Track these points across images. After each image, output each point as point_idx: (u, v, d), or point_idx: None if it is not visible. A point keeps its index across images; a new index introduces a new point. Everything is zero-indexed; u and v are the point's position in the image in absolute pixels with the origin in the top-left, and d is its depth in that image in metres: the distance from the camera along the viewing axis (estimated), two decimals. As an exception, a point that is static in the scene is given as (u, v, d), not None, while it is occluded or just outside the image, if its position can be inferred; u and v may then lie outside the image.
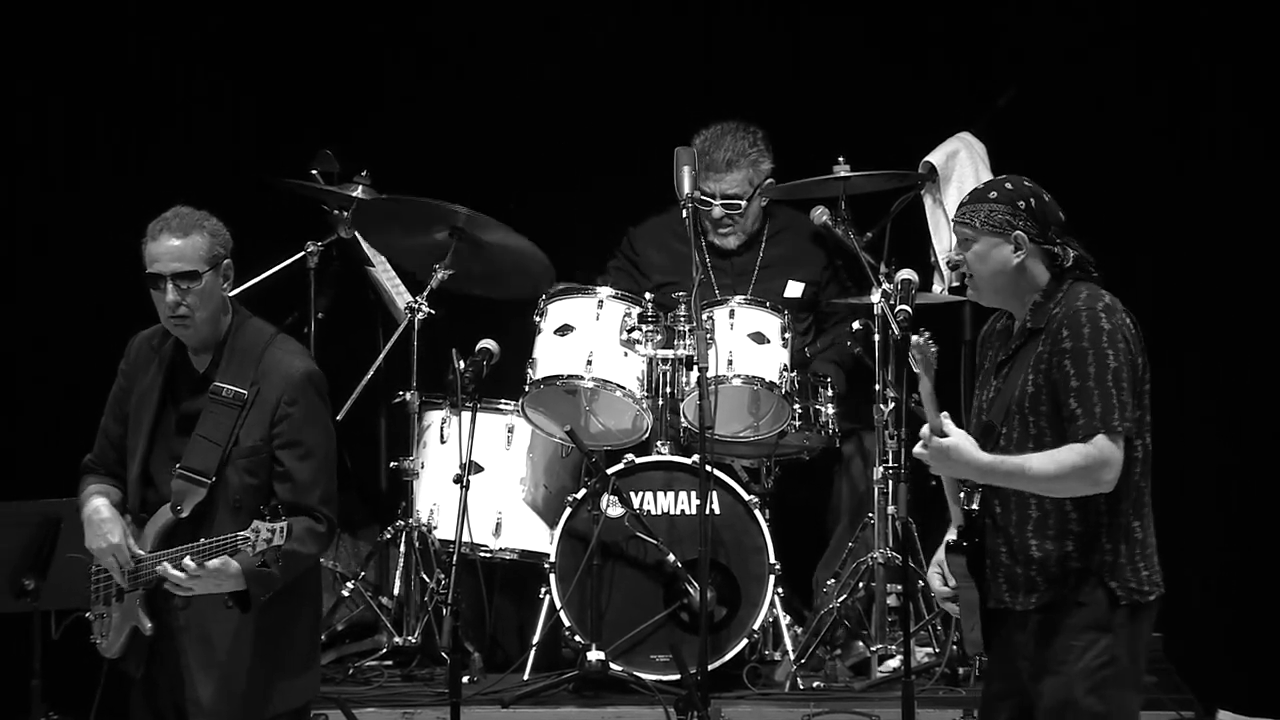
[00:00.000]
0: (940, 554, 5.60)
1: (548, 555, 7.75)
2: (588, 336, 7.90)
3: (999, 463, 5.37)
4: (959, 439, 5.37)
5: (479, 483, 7.83)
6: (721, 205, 8.33)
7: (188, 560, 5.80)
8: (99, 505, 6.03)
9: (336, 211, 8.17)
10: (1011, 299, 5.55)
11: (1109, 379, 5.38)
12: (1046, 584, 5.44)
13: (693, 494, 7.69)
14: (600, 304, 7.94)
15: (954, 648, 7.66)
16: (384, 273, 8.45)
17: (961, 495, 5.50)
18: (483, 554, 7.96)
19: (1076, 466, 5.35)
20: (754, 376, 7.85)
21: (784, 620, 7.77)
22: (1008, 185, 5.55)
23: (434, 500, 8.01)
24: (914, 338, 5.47)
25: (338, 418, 7.46)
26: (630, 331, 7.91)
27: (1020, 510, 5.47)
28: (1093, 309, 5.44)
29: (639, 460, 7.79)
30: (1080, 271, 5.55)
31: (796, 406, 7.89)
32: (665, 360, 7.91)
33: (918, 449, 5.41)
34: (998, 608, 5.51)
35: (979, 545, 5.48)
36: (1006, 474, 5.37)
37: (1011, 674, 5.53)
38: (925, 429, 5.38)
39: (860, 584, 7.79)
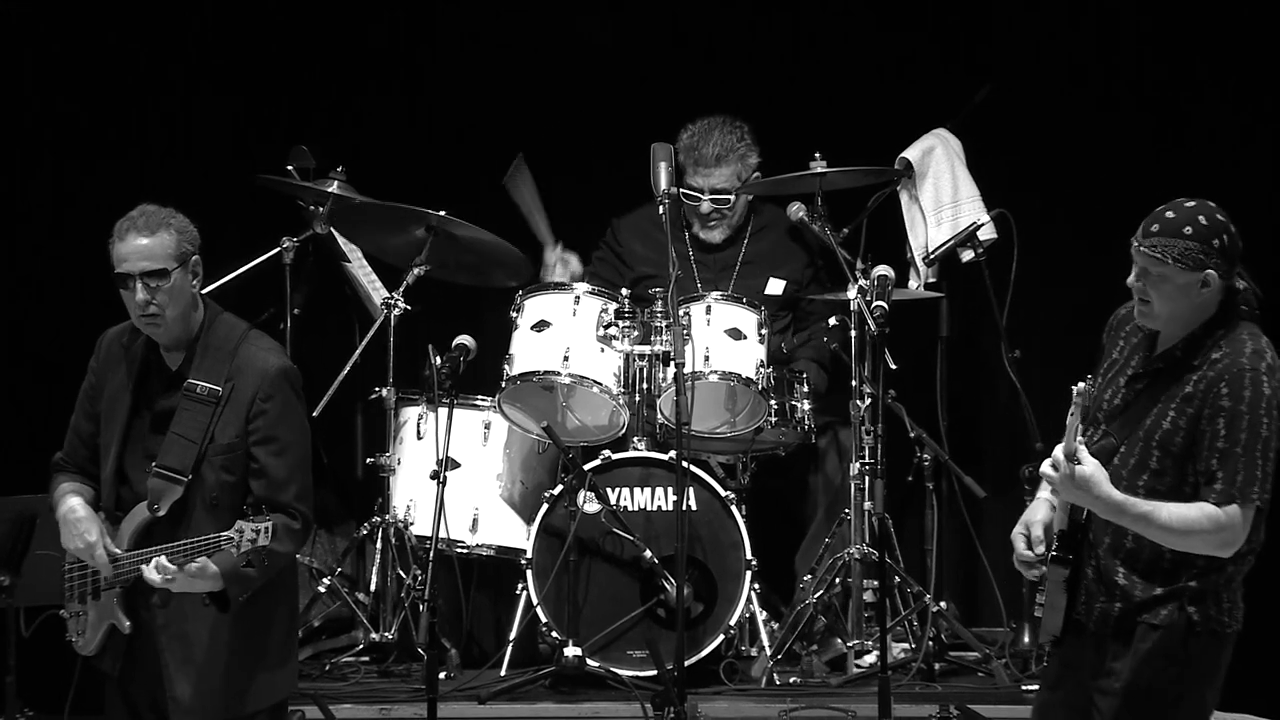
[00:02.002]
0: (1031, 515, 5.50)
1: (524, 551, 7.75)
2: (564, 332, 7.90)
3: (1128, 504, 5.27)
4: (1094, 470, 5.24)
5: (456, 479, 7.82)
6: (710, 200, 8.34)
7: (164, 560, 5.79)
8: (74, 505, 6.00)
9: (312, 207, 8.17)
10: (1182, 328, 5.40)
11: (1258, 449, 5.27)
12: (1123, 612, 5.38)
13: (669, 490, 7.69)
14: (577, 300, 7.94)
15: (930, 643, 7.68)
16: (360, 268, 8.44)
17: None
18: (459, 550, 7.96)
19: (1204, 531, 5.26)
20: (730, 373, 7.85)
21: (760, 616, 7.77)
22: (1202, 220, 5.34)
23: (410, 496, 8.00)
24: (1082, 385, 5.25)
25: (314, 414, 7.50)
26: (607, 327, 7.91)
27: (1115, 538, 5.39)
28: (1256, 370, 5.30)
29: (616, 456, 7.78)
30: (1245, 307, 5.40)
31: (773, 402, 7.89)
32: (642, 356, 7.91)
33: (1046, 468, 5.29)
34: (1074, 618, 5.45)
35: (1079, 560, 5.41)
36: (1134, 517, 5.27)
37: (1078, 686, 5.48)
38: (1059, 451, 5.26)
39: (837, 580, 7.80)
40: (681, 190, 8.23)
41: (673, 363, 7.57)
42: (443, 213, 8.05)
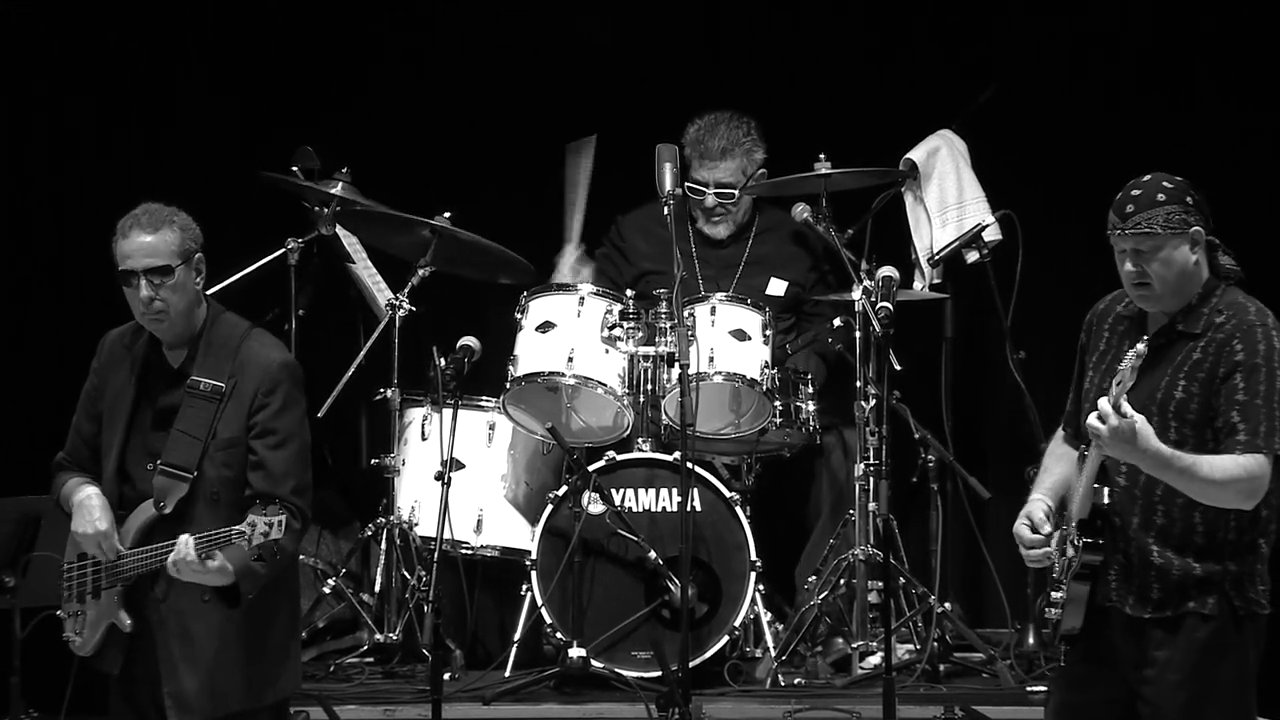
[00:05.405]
0: (1028, 509, 5.50)
1: (529, 552, 7.74)
2: (569, 333, 7.89)
3: (1175, 457, 5.27)
4: (1142, 422, 5.22)
5: (460, 480, 7.83)
6: (715, 195, 8.34)
7: (190, 548, 5.78)
8: (92, 493, 6.01)
9: (317, 208, 8.16)
10: (1179, 300, 5.43)
11: (1276, 400, 5.32)
12: (1163, 593, 5.39)
13: (674, 491, 7.69)
14: (581, 301, 7.94)
15: (934, 645, 7.67)
16: (365, 269, 8.44)
17: (1094, 488, 5.39)
18: (464, 551, 7.96)
19: (1238, 480, 5.29)
20: (735, 374, 7.84)
21: (765, 617, 7.77)
22: (1167, 185, 5.42)
23: (415, 497, 8.00)
24: (1140, 346, 5.20)
25: (319, 415, 7.50)
26: (611, 328, 7.90)
27: (1145, 515, 5.41)
28: (1265, 324, 5.38)
29: (620, 457, 7.77)
30: (1231, 266, 5.46)
31: (777, 404, 7.89)
32: (646, 357, 7.91)
33: (1093, 421, 5.24)
34: (1103, 604, 5.46)
35: (1109, 545, 5.40)
36: (1179, 470, 5.28)
37: (1113, 681, 5.48)
38: (1104, 403, 5.22)
39: (841, 581, 7.79)
40: (686, 184, 8.23)
41: (677, 364, 7.56)
42: (447, 214, 8.04)
